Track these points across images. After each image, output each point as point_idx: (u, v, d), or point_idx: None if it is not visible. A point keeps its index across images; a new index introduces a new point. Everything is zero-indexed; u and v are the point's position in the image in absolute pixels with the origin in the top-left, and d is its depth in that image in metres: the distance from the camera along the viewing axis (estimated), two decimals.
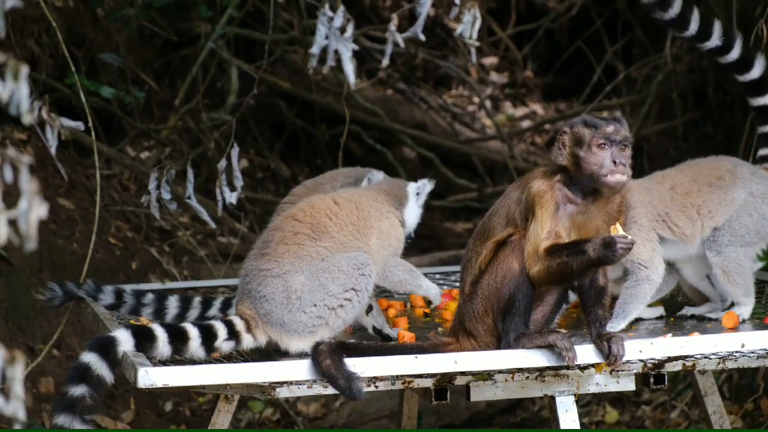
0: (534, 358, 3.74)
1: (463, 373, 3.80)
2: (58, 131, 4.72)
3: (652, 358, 3.87)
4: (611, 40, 10.21)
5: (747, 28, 5.57)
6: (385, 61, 3.77)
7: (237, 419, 6.99)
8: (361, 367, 3.64)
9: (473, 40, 3.73)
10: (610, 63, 10.05)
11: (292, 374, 3.64)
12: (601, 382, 3.95)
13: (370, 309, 4.21)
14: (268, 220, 4.31)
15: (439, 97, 10.94)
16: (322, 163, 9.43)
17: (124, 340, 3.69)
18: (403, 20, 3.94)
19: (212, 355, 3.93)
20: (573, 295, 4.22)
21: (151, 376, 3.52)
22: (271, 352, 4.01)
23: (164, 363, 3.75)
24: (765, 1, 5.64)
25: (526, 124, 11.06)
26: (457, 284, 4.42)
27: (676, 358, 3.93)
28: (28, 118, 2.52)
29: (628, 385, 3.98)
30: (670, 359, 3.92)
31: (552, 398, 3.92)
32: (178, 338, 3.78)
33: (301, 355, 3.90)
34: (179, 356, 3.82)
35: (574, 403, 3.92)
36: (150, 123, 8.23)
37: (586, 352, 3.75)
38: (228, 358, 4.00)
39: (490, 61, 11.70)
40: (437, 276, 5.48)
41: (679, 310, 4.55)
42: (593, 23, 10.49)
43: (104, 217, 7.28)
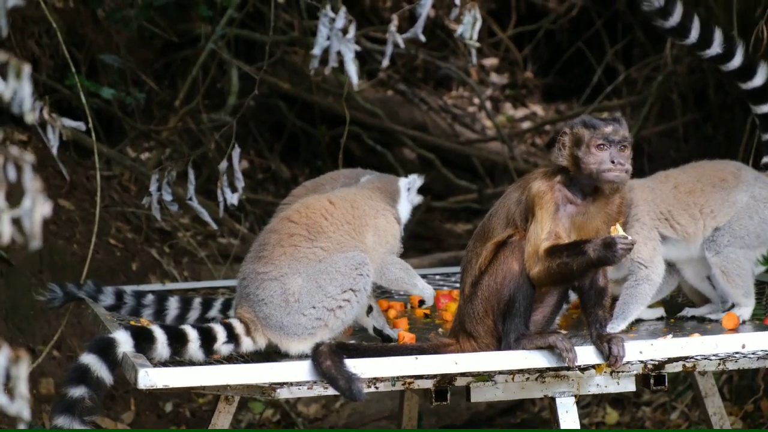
0: (534, 359, 3.74)
1: (463, 374, 3.80)
2: (59, 132, 4.72)
3: (652, 359, 3.86)
4: (611, 41, 10.20)
5: (747, 30, 5.57)
6: (385, 62, 3.77)
7: (237, 420, 6.99)
8: (361, 368, 3.64)
9: (473, 41, 3.73)
10: (610, 64, 10.04)
11: (293, 375, 3.64)
12: (602, 383, 3.95)
13: (370, 310, 4.21)
14: (268, 221, 4.30)
15: (439, 98, 10.93)
16: (322, 164, 9.42)
17: (124, 342, 3.68)
18: (404, 21, 3.94)
19: (212, 358, 3.93)
20: (573, 296, 4.22)
21: (152, 377, 3.52)
22: (272, 353, 4.00)
23: (164, 364, 3.75)
24: (765, 3, 5.64)
25: (526, 125, 11.06)
26: (458, 285, 4.41)
27: (677, 359, 3.93)
28: (30, 117, 2.51)
29: (629, 386, 3.98)
30: (671, 360, 3.92)
31: (552, 399, 3.92)
32: (177, 340, 3.78)
33: (302, 356, 3.90)
34: (178, 358, 3.82)
35: (575, 404, 3.91)
36: (150, 124, 8.23)
37: (587, 353, 3.75)
38: (228, 359, 4.00)
39: (491, 62, 11.70)
40: (437, 277, 5.47)
41: (680, 312, 4.56)
42: (593, 24, 10.49)
43: (104, 218, 7.28)
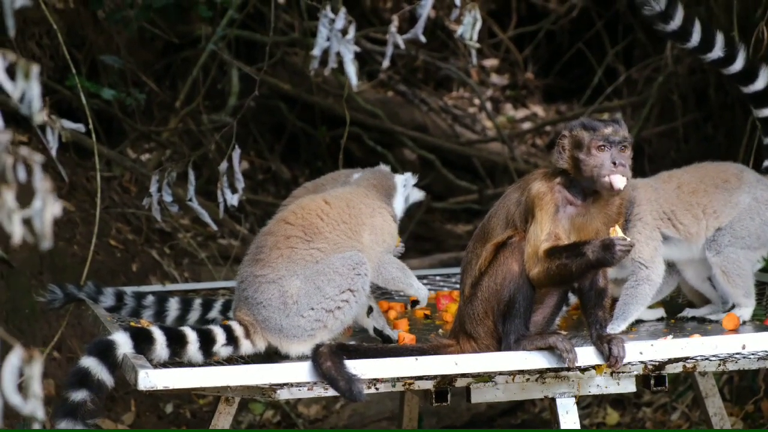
0: (534, 360, 3.74)
1: (463, 375, 3.80)
2: (58, 133, 4.72)
3: (652, 360, 3.86)
4: (612, 42, 10.19)
5: (747, 31, 5.57)
6: (385, 63, 3.77)
7: (238, 421, 6.99)
8: (361, 368, 3.63)
9: (474, 42, 3.73)
10: (610, 65, 10.04)
11: (293, 376, 3.64)
12: (602, 384, 3.95)
13: (370, 311, 4.20)
14: (268, 222, 4.29)
15: (439, 99, 10.93)
16: (322, 165, 9.41)
17: (123, 343, 3.68)
18: (404, 22, 3.94)
19: (211, 360, 3.92)
20: (573, 297, 4.22)
21: (152, 379, 3.52)
22: (272, 354, 4.00)
23: (163, 365, 3.75)
24: (766, 4, 5.64)
25: (526, 125, 11.05)
26: (458, 286, 4.41)
27: (677, 360, 3.93)
28: (39, 118, 2.51)
29: (629, 386, 3.98)
30: (671, 361, 3.92)
31: (552, 400, 3.92)
32: (176, 341, 3.77)
33: (302, 357, 3.90)
34: (178, 359, 3.82)
35: (575, 405, 3.91)
36: (150, 125, 8.22)
37: (587, 354, 3.75)
38: (228, 360, 3.99)
39: (491, 62, 11.70)
40: (438, 278, 5.48)
41: (680, 312, 4.56)
42: (594, 25, 10.48)
43: (105, 219, 7.28)
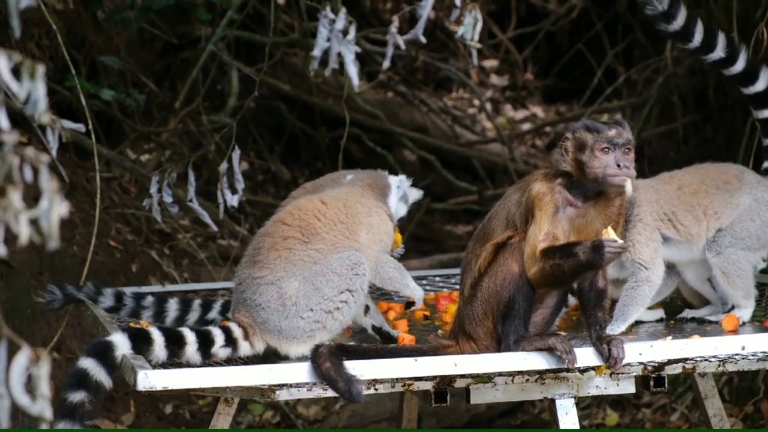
0: (534, 361, 3.74)
1: (462, 376, 3.80)
2: (58, 133, 4.71)
3: (652, 361, 3.86)
4: (612, 43, 10.19)
5: (747, 32, 5.57)
6: (385, 64, 3.76)
7: (237, 422, 6.99)
8: (360, 369, 3.63)
9: (474, 43, 3.73)
10: (610, 66, 10.03)
11: (292, 377, 3.63)
12: (601, 385, 3.95)
13: (367, 309, 4.20)
14: (265, 223, 4.29)
15: (439, 100, 10.92)
16: (322, 166, 9.41)
17: (121, 344, 3.67)
18: (403, 23, 3.94)
19: (209, 361, 3.92)
20: (573, 298, 4.22)
21: (151, 379, 3.51)
22: (271, 355, 4.00)
23: (162, 366, 3.75)
24: (766, 5, 5.64)
25: (526, 126, 11.05)
26: (458, 287, 4.41)
27: (677, 361, 3.93)
28: (45, 118, 2.51)
29: (628, 387, 3.97)
30: (670, 362, 3.92)
31: (552, 401, 3.91)
32: (174, 342, 3.77)
33: (301, 358, 3.90)
34: (176, 360, 3.81)
35: (574, 406, 3.91)
36: (150, 126, 8.22)
37: (586, 355, 3.75)
38: (228, 361, 3.99)
39: (491, 63, 11.70)
40: (437, 279, 5.47)
41: (679, 313, 4.56)
42: (594, 26, 10.48)
43: (104, 220, 7.27)
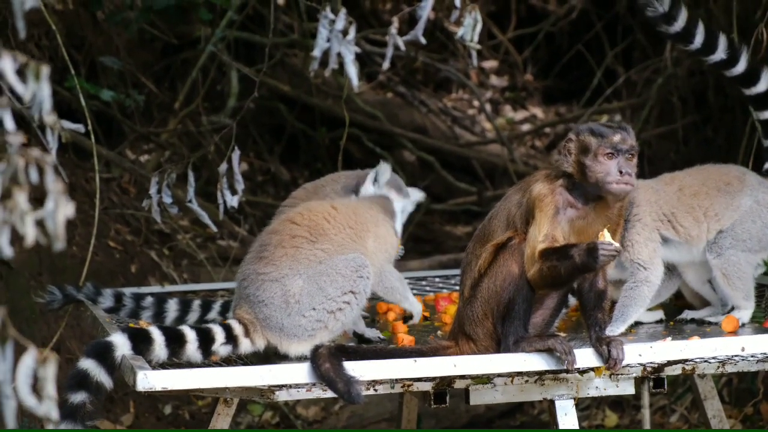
0: (533, 362, 3.74)
1: (462, 377, 3.80)
2: (58, 134, 4.71)
3: (651, 362, 3.86)
4: (611, 44, 10.19)
5: (747, 32, 5.57)
6: (385, 64, 3.77)
7: (236, 422, 6.99)
8: (360, 370, 3.63)
9: (474, 43, 3.73)
10: (610, 66, 10.03)
11: (292, 377, 3.63)
12: (601, 386, 3.95)
13: None
14: (267, 223, 4.31)
15: (439, 101, 10.92)
16: (321, 167, 9.41)
17: (121, 344, 3.67)
18: (403, 23, 3.93)
19: (210, 359, 3.92)
20: (573, 299, 4.22)
21: (150, 380, 3.51)
22: (270, 355, 4.00)
23: (163, 366, 3.75)
24: (766, 5, 5.64)
25: (526, 127, 11.05)
26: (457, 288, 4.42)
27: (676, 362, 3.93)
28: (51, 119, 2.51)
29: (628, 388, 3.98)
30: (670, 363, 3.92)
31: (551, 402, 3.91)
32: (175, 341, 3.77)
33: (300, 359, 3.90)
34: (176, 359, 3.82)
35: (574, 407, 3.91)
36: (150, 126, 8.22)
37: (586, 356, 3.75)
38: (227, 361, 3.99)
39: (490, 64, 11.70)
40: (437, 279, 5.48)
41: (679, 314, 4.56)
42: (593, 27, 10.48)
43: (104, 221, 7.27)
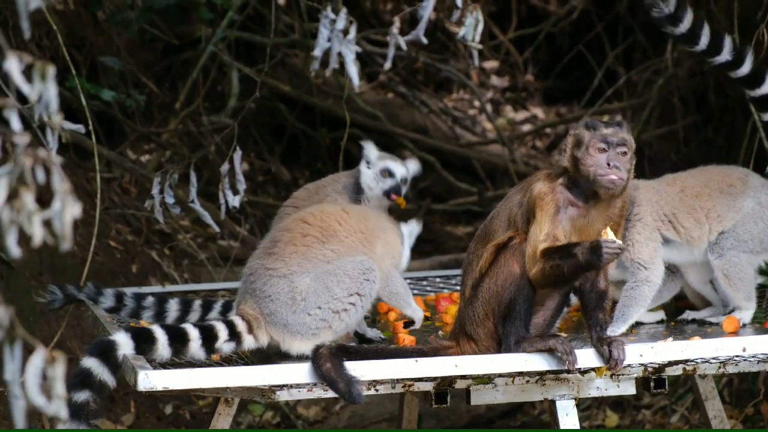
0: (534, 362, 3.74)
1: (463, 377, 3.80)
2: (58, 134, 4.71)
3: (652, 362, 3.86)
4: (612, 44, 10.18)
5: (748, 33, 5.57)
6: (387, 64, 3.77)
7: (237, 422, 6.99)
8: (361, 370, 3.63)
9: (475, 43, 3.73)
10: (611, 67, 10.03)
11: (293, 377, 3.64)
12: (602, 386, 3.95)
13: None
14: (268, 223, 4.32)
15: (439, 101, 10.92)
16: (322, 167, 9.41)
17: (124, 344, 3.68)
18: (404, 23, 3.94)
19: (213, 357, 3.93)
20: (574, 300, 4.22)
21: (152, 379, 3.51)
22: (271, 356, 4.00)
23: (164, 365, 3.75)
24: (766, 6, 5.64)
25: (526, 127, 11.04)
26: (458, 288, 4.42)
27: (677, 362, 3.93)
28: (58, 119, 2.51)
29: (629, 389, 3.98)
30: (671, 363, 3.92)
31: (552, 402, 3.91)
32: (178, 340, 3.78)
33: (302, 359, 3.90)
34: (180, 358, 3.82)
35: (575, 407, 3.91)
36: (150, 126, 8.22)
37: (587, 356, 3.75)
38: (228, 361, 4.00)
39: (491, 64, 11.69)
40: (438, 279, 5.48)
41: (680, 315, 4.56)
42: (594, 27, 10.47)
43: (104, 221, 7.27)
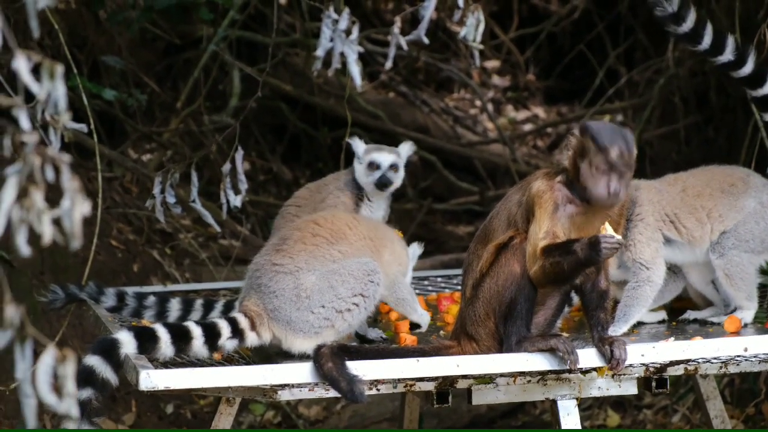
0: (536, 362, 3.74)
1: (464, 377, 3.80)
2: (60, 133, 4.71)
3: (654, 362, 3.86)
4: (613, 44, 10.18)
5: (749, 33, 5.57)
6: (388, 64, 3.77)
7: (238, 422, 6.99)
8: (362, 370, 3.64)
9: (477, 43, 3.73)
10: (612, 67, 10.02)
11: (294, 377, 3.64)
12: (603, 386, 3.95)
13: None
14: (270, 223, 4.33)
15: (441, 100, 10.92)
16: (323, 166, 9.41)
17: (127, 342, 3.68)
18: (405, 23, 3.94)
19: (215, 355, 3.93)
20: (576, 299, 4.22)
21: (153, 379, 3.51)
22: (273, 355, 4.01)
23: (166, 364, 3.75)
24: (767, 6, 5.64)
25: (527, 127, 11.04)
26: (459, 287, 4.42)
27: (679, 362, 3.93)
28: (66, 117, 2.51)
29: (630, 389, 3.98)
30: (673, 363, 3.92)
31: (554, 402, 3.91)
32: (181, 338, 3.78)
33: (303, 358, 3.90)
34: (183, 356, 3.82)
35: (576, 407, 3.91)
36: (152, 125, 8.22)
37: (588, 356, 3.75)
38: (230, 361, 4.00)
39: (492, 64, 11.69)
40: (439, 279, 5.48)
41: (682, 314, 4.56)
42: (595, 27, 10.47)
43: (106, 220, 7.27)
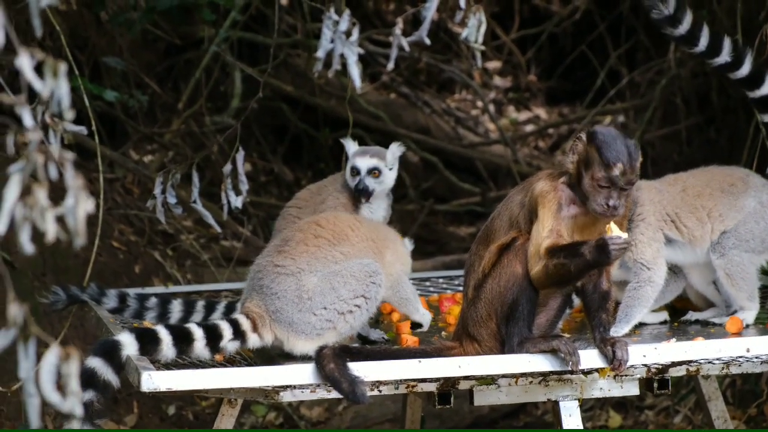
0: (537, 363, 3.74)
1: (466, 378, 3.80)
2: (61, 135, 4.71)
3: (656, 363, 3.86)
4: (615, 45, 10.18)
5: (751, 34, 5.57)
6: (390, 65, 3.76)
7: (240, 423, 6.99)
8: (364, 371, 3.64)
9: (478, 44, 3.73)
10: (613, 67, 10.02)
11: (296, 378, 3.64)
12: (605, 387, 3.94)
13: None
14: (271, 224, 4.33)
15: (442, 101, 10.92)
16: (324, 167, 9.41)
17: (128, 344, 3.68)
18: (407, 24, 3.94)
19: (216, 356, 3.93)
20: (577, 300, 4.22)
21: (155, 380, 3.51)
22: (275, 356, 4.00)
23: (168, 366, 3.75)
24: None
25: (529, 128, 11.04)
26: (461, 288, 4.42)
27: (680, 363, 3.93)
28: (69, 115, 2.52)
29: (632, 389, 3.97)
30: (674, 364, 3.92)
31: (555, 403, 3.91)
32: (182, 339, 3.78)
33: (305, 359, 3.90)
34: (185, 358, 3.82)
35: (578, 408, 3.91)
36: (153, 126, 8.23)
37: (590, 357, 3.75)
38: (231, 362, 4.00)
39: (494, 65, 11.69)
40: (441, 280, 5.48)
41: (683, 315, 4.55)
42: (597, 27, 10.47)
43: (107, 221, 7.27)
